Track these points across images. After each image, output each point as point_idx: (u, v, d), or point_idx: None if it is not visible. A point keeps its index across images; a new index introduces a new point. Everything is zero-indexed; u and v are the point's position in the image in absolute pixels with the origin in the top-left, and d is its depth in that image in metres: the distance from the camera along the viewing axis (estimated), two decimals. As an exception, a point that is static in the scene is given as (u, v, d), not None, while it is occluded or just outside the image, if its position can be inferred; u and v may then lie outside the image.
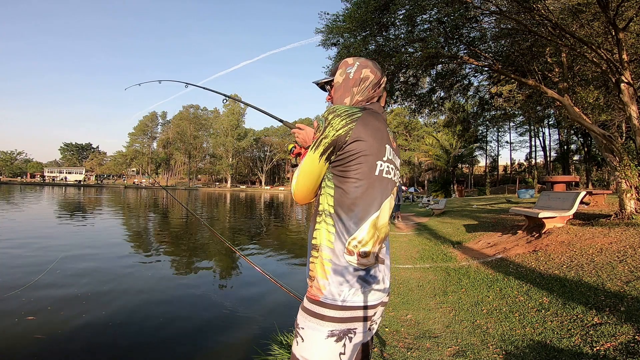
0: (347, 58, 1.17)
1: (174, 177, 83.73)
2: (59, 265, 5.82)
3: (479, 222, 8.35)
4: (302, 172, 1.04)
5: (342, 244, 0.97)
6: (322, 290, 0.96)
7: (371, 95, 1.12)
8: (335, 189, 0.99)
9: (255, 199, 39.59)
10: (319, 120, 1.03)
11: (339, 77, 1.14)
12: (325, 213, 1.00)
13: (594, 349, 2.23)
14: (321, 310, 0.95)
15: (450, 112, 32.71)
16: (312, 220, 1.05)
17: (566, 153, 34.45)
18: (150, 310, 4.23)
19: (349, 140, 0.96)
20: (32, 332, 3.41)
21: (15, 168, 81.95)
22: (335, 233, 0.97)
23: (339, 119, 0.98)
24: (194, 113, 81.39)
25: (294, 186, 1.08)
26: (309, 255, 1.04)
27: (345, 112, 0.99)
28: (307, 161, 1.03)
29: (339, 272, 0.96)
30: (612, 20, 5.44)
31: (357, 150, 0.97)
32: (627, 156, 5.46)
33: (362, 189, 0.98)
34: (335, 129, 0.97)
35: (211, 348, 3.37)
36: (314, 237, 1.02)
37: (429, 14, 7.51)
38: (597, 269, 3.53)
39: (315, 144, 1.01)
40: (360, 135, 0.97)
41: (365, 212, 0.98)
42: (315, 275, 0.99)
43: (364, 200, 0.98)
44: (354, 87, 1.11)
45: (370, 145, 0.99)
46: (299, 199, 1.09)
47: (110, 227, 11.81)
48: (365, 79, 1.11)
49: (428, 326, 3.14)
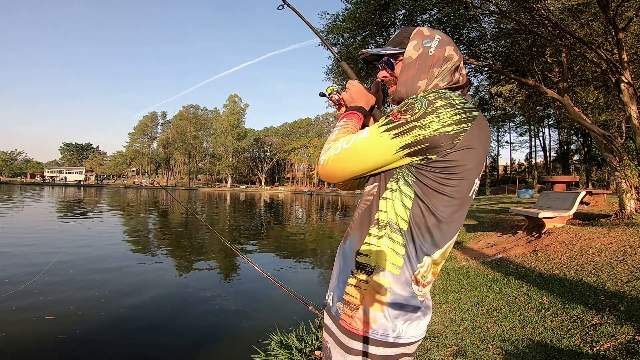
0: (420, 27, 0.86)
1: (174, 177, 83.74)
2: (55, 265, 5.81)
3: (479, 222, 8.35)
4: (357, 151, 0.77)
5: (411, 271, 0.76)
6: (372, 324, 0.75)
7: (453, 81, 0.84)
8: (416, 200, 0.75)
9: (255, 199, 39.58)
10: (416, 100, 0.75)
11: (413, 51, 0.83)
12: (393, 227, 0.76)
13: (594, 349, 2.23)
14: (368, 347, 0.76)
15: (450, 112, 32.68)
16: (359, 230, 0.81)
17: (566, 153, 34.47)
18: (149, 310, 4.23)
19: (457, 146, 0.72)
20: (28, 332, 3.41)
21: (15, 168, 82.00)
22: (405, 256, 0.75)
23: (451, 111, 0.72)
24: (194, 113, 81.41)
25: (333, 157, 0.80)
26: (345, 275, 0.81)
27: (461, 104, 0.74)
28: (373, 143, 0.76)
29: (399, 304, 0.75)
30: (612, 20, 5.44)
31: (464, 162, 0.73)
32: (627, 156, 5.46)
33: (452, 210, 0.76)
34: (443, 123, 0.71)
35: (211, 348, 3.37)
36: (363, 253, 0.79)
37: (429, 14, 7.52)
38: (597, 269, 3.53)
39: (398, 127, 0.73)
40: (474, 142, 0.73)
41: (445, 238, 0.78)
42: (359, 305, 0.77)
43: (449, 225, 0.77)
44: (434, 68, 0.82)
45: (480, 157, 0.76)
46: (331, 175, 0.82)
47: (110, 227, 11.81)
48: (449, 58, 0.83)
49: (428, 326, 3.14)
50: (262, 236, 11.43)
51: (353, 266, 0.80)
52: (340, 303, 0.80)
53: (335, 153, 0.80)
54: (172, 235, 10.75)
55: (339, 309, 0.80)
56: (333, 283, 0.87)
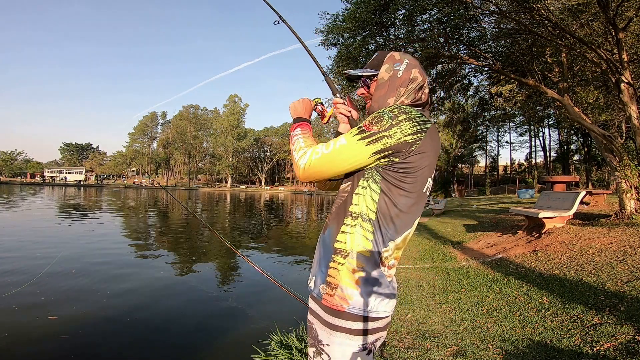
0: (392, 52, 1.05)
1: (174, 177, 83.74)
2: (57, 266, 5.81)
3: (479, 222, 8.35)
4: (336, 156, 0.92)
5: (379, 253, 0.91)
6: (349, 300, 0.88)
7: (416, 98, 1.02)
8: (382, 195, 0.91)
9: (255, 199, 39.58)
10: (383, 113, 0.91)
11: (385, 73, 1.02)
12: (364, 217, 0.91)
13: (594, 349, 2.23)
14: (348, 323, 0.88)
15: (450, 112, 32.76)
16: (336, 221, 0.96)
17: (566, 153, 34.48)
18: (149, 310, 4.23)
19: (414, 151, 0.89)
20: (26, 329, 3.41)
21: (15, 168, 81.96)
22: (374, 241, 0.90)
23: (409, 124, 0.89)
24: (194, 113, 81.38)
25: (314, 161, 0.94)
26: (326, 260, 0.95)
27: (417, 118, 0.91)
28: (350, 149, 0.91)
29: (371, 282, 0.90)
30: (612, 20, 5.44)
31: (418, 163, 0.90)
32: (627, 156, 5.46)
33: (410, 202, 0.92)
34: (404, 133, 0.88)
35: (211, 348, 3.37)
36: (339, 240, 0.93)
37: (429, 14, 7.52)
38: (597, 269, 3.53)
39: (370, 137, 0.89)
40: (426, 148, 0.91)
41: (404, 226, 0.93)
42: (338, 284, 0.90)
43: (407, 215, 0.93)
44: (401, 87, 1.00)
45: (431, 160, 0.93)
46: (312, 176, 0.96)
47: (110, 227, 11.81)
48: (414, 79, 1.01)
49: (428, 326, 3.14)
50: (262, 236, 11.43)
51: (332, 252, 0.93)
52: (324, 285, 0.93)
53: (317, 157, 0.94)
54: (172, 235, 10.75)
55: (322, 290, 0.93)
56: (315, 269, 0.99)
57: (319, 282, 0.95)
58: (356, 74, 1.08)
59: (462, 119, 33.16)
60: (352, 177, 0.97)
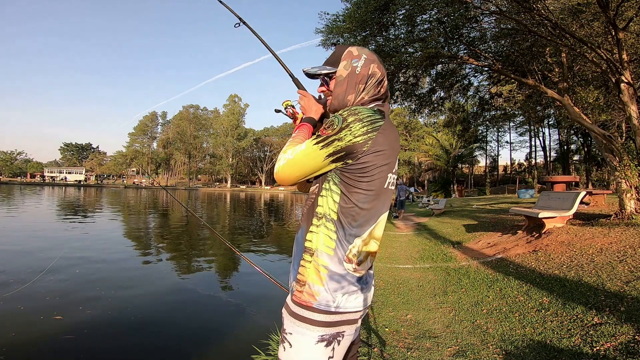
0: (350, 47, 1.06)
1: (174, 177, 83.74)
2: (61, 266, 5.81)
3: (478, 222, 8.35)
4: (297, 161, 0.96)
5: (343, 252, 0.93)
6: (316, 296, 0.91)
7: (375, 93, 1.03)
8: (342, 196, 0.93)
9: (256, 199, 39.58)
10: (334, 117, 0.94)
11: (343, 70, 1.02)
12: (327, 218, 0.94)
13: (594, 349, 2.22)
14: (311, 314, 0.92)
15: (450, 112, 32.71)
16: (306, 221, 0.99)
17: (566, 153, 34.47)
18: (149, 310, 4.23)
19: (367, 151, 0.90)
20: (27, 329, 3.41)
21: (15, 168, 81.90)
22: (337, 240, 0.93)
23: (359, 125, 0.90)
24: (194, 113, 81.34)
25: (281, 167, 0.99)
26: (298, 258, 0.98)
27: (368, 117, 0.92)
28: (307, 154, 0.95)
29: (336, 279, 0.92)
30: (612, 20, 5.44)
31: (373, 162, 0.92)
32: (627, 156, 5.45)
33: (369, 200, 0.94)
34: (354, 135, 0.90)
35: (211, 347, 3.37)
36: (307, 239, 0.96)
37: (429, 14, 7.52)
38: (597, 269, 3.53)
39: (323, 141, 0.93)
40: (380, 147, 0.92)
41: (367, 222, 0.96)
42: (306, 280, 0.94)
43: (369, 212, 0.95)
44: (360, 84, 1.01)
45: (387, 157, 0.94)
46: (282, 180, 1.01)
47: (111, 227, 11.81)
48: (373, 75, 1.02)
49: (428, 326, 3.14)
50: (262, 236, 11.43)
51: (302, 250, 0.98)
52: (294, 282, 0.98)
53: (283, 163, 0.99)
54: (172, 235, 10.75)
55: (293, 287, 0.98)
56: (291, 266, 1.04)
57: (292, 278, 1.00)
58: (314, 72, 1.08)
59: (462, 119, 33.12)
60: (317, 180, 1.01)
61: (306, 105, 1.16)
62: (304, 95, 1.18)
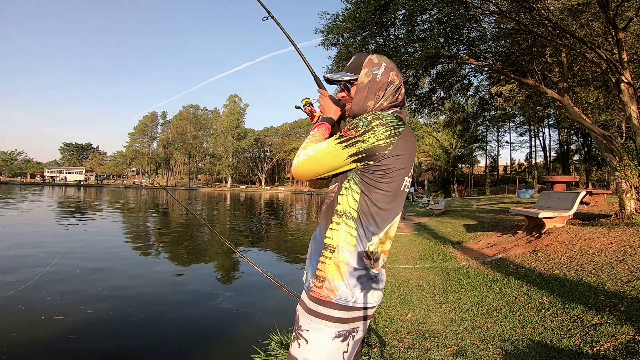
0: (370, 55, 1.10)
1: (174, 177, 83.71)
2: (62, 266, 5.82)
3: (478, 222, 8.35)
4: (318, 158, 1.01)
5: (363, 248, 0.97)
6: (335, 291, 0.95)
7: (393, 100, 1.08)
8: (362, 195, 0.98)
9: (255, 199, 39.57)
10: (359, 120, 0.99)
11: (365, 77, 1.07)
12: (347, 215, 0.98)
13: (594, 349, 2.23)
14: (329, 311, 0.95)
15: (450, 112, 32.68)
16: (325, 219, 1.02)
17: (566, 153, 34.46)
18: (149, 310, 4.24)
19: (388, 154, 0.96)
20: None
21: (15, 168, 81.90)
22: (357, 237, 0.97)
23: (383, 129, 0.96)
24: (194, 113, 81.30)
25: (301, 162, 1.03)
26: (317, 254, 1.01)
27: (391, 123, 0.97)
28: (328, 152, 0.99)
29: (355, 275, 0.96)
30: (612, 20, 5.44)
31: (393, 165, 0.97)
32: (627, 156, 5.45)
33: (388, 200, 0.99)
34: (377, 138, 0.95)
35: (211, 347, 3.37)
36: (328, 236, 1.00)
37: (429, 14, 7.51)
38: (597, 269, 3.53)
39: (347, 141, 0.98)
40: (400, 151, 0.97)
41: (385, 222, 1.00)
42: (326, 276, 0.97)
43: (386, 212, 0.99)
44: (380, 91, 1.06)
45: (405, 161, 0.99)
46: (300, 175, 1.04)
47: (111, 227, 11.81)
48: (392, 82, 1.07)
49: (428, 326, 3.14)
50: (262, 236, 11.43)
51: (322, 247, 1.00)
52: (313, 278, 1.00)
53: (304, 159, 1.02)
54: (172, 235, 10.75)
55: (311, 283, 1.00)
56: (307, 264, 1.06)
57: (310, 275, 1.02)
58: (337, 79, 1.12)
59: (462, 119, 33.08)
60: (337, 179, 1.05)
61: (326, 105, 1.20)
62: (324, 95, 1.22)
